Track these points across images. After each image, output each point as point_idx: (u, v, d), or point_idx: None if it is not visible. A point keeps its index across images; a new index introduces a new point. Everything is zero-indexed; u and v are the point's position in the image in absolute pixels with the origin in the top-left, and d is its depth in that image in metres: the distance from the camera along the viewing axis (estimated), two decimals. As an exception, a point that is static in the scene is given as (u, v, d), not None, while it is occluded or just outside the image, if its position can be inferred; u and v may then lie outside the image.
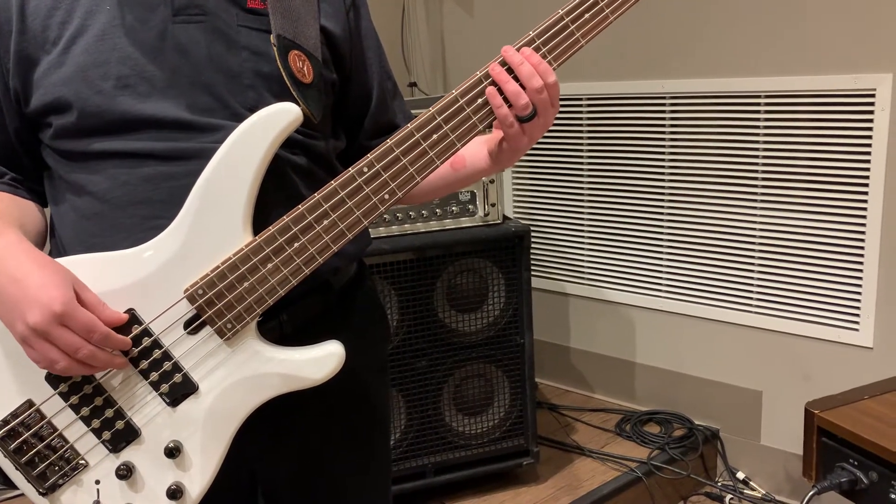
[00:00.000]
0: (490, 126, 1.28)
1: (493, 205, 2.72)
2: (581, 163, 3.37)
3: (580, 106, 3.31)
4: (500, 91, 1.23)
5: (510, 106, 1.23)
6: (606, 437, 3.21)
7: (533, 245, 3.10)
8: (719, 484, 3.05)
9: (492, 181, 2.70)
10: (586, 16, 1.24)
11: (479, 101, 1.23)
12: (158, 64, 1.22)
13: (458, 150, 1.25)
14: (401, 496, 2.71)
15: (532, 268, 2.77)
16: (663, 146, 3.10)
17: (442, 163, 1.25)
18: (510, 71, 1.22)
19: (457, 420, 2.78)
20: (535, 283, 2.87)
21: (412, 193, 1.31)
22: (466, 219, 2.72)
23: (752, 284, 2.96)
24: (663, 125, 3.09)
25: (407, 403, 2.69)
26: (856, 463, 1.73)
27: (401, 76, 3.69)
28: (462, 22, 3.68)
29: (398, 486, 2.70)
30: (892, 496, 1.66)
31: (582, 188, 3.39)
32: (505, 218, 2.79)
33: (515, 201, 3.63)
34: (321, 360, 1.23)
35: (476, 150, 1.40)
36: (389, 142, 1.22)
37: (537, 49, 1.24)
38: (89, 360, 1.14)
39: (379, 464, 1.56)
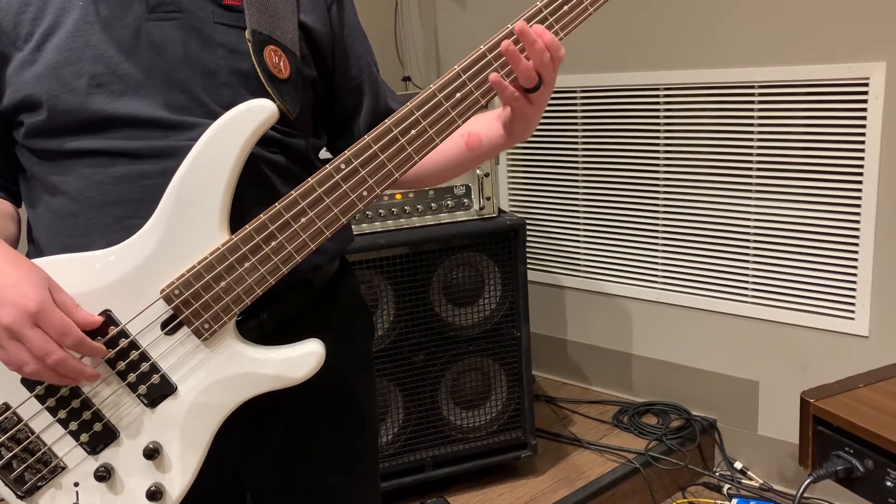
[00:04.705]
0: (470, 117, 1.26)
1: (488, 198, 2.72)
2: (576, 155, 3.36)
3: (574, 98, 3.30)
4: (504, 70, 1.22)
5: (513, 78, 1.22)
6: (604, 428, 3.21)
7: (529, 238, 3.11)
8: (717, 474, 3.05)
9: (486, 174, 2.69)
10: None
11: (458, 95, 1.22)
12: (133, 62, 1.21)
13: (437, 145, 1.24)
14: (400, 490, 2.72)
15: (528, 261, 2.78)
16: (658, 137, 3.09)
17: (420, 159, 1.23)
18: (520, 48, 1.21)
19: (454, 414, 2.78)
20: (531, 276, 2.87)
21: (424, 175, 1.35)
22: (462, 213, 2.72)
23: (747, 275, 2.96)
24: (658, 116, 3.08)
25: (404, 398, 2.69)
26: (851, 451, 1.73)
27: (395, 71, 3.69)
28: (455, 16, 3.68)
29: (397, 480, 2.71)
30: (888, 484, 1.66)
31: (577, 181, 3.38)
32: (500, 211, 2.79)
33: (511, 195, 3.63)
34: (300, 359, 1.23)
35: (490, 126, 1.39)
36: (367, 138, 1.21)
37: (545, 19, 1.22)
38: (58, 367, 1.12)
39: (366, 463, 1.55)
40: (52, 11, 1.21)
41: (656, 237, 3.19)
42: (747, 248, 2.94)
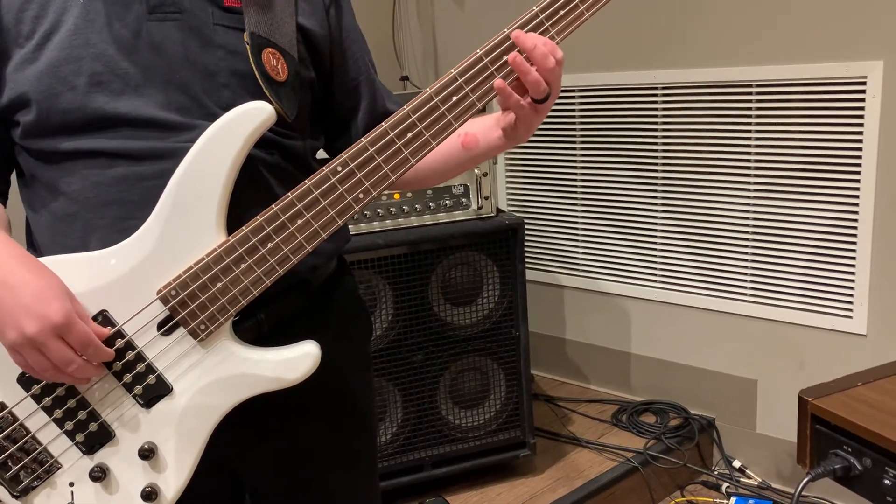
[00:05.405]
0: (467, 120, 1.27)
1: (486, 198, 2.72)
2: (574, 154, 3.36)
3: (572, 97, 3.30)
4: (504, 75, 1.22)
5: (516, 84, 1.23)
6: (603, 427, 3.21)
7: (527, 237, 3.11)
8: (716, 472, 3.05)
9: (485, 174, 2.69)
10: None
11: (454, 99, 1.22)
12: (133, 61, 1.22)
13: (433, 148, 1.24)
14: (398, 489, 2.72)
15: (526, 260, 2.78)
16: (656, 137, 3.09)
17: (417, 161, 1.24)
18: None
19: (453, 413, 2.78)
20: (529, 275, 2.87)
21: (421, 176, 1.36)
22: (460, 212, 2.72)
23: (745, 273, 2.96)
24: (655, 116, 3.08)
25: (403, 397, 2.69)
26: (849, 449, 1.73)
27: (393, 70, 3.68)
28: (453, 15, 3.67)
29: (396, 480, 2.71)
30: (886, 482, 1.66)
31: (575, 180, 3.38)
32: (499, 211, 2.79)
33: (509, 194, 3.63)
34: (297, 360, 1.23)
35: (488, 128, 1.39)
36: (364, 141, 1.22)
37: (541, 24, 1.23)
38: (78, 373, 1.15)
39: (365, 462, 1.55)
40: (54, 10, 1.21)
41: (655, 236, 3.19)
42: (746, 246, 2.94)
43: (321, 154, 1.46)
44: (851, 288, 2.70)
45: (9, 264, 1.15)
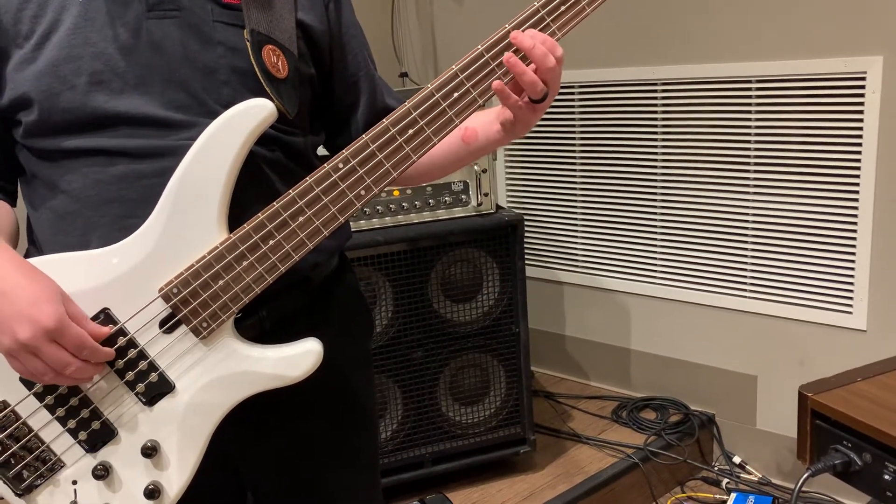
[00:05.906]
0: (468, 116, 1.26)
1: (486, 194, 2.72)
2: (573, 151, 3.36)
3: (572, 94, 3.30)
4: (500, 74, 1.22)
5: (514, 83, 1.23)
6: (603, 424, 3.21)
7: (527, 234, 3.10)
8: (716, 468, 3.05)
9: (484, 170, 2.69)
10: None
11: (455, 95, 1.22)
12: (132, 60, 1.21)
13: (434, 144, 1.24)
14: (399, 486, 2.72)
15: (526, 256, 2.77)
16: (655, 133, 3.09)
17: (418, 158, 1.24)
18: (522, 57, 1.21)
19: (453, 410, 2.78)
20: (529, 271, 2.87)
21: (422, 171, 1.36)
22: (460, 209, 2.72)
23: (745, 269, 2.96)
24: (655, 112, 3.08)
25: (403, 394, 2.69)
26: (849, 445, 1.74)
27: (392, 67, 3.68)
28: (452, 12, 3.67)
29: (396, 477, 2.71)
30: (886, 477, 1.66)
31: (575, 176, 3.38)
32: (498, 207, 2.79)
33: (508, 190, 3.62)
34: (298, 357, 1.23)
35: (488, 123, 1.39)
36: (365, 137, 1.21)
37: (542, 20, 1.22)
38: (75, 375, 1.14)
39: (366, 459, 1.55)
40: (53, 9, 1.21)
41: (654, 232, 3.19)
42: (745, 242, 2.94)
43: (321, 151, 1.46)
44: (851, 283, 2.70)
45: (3, 269, 1.15)
